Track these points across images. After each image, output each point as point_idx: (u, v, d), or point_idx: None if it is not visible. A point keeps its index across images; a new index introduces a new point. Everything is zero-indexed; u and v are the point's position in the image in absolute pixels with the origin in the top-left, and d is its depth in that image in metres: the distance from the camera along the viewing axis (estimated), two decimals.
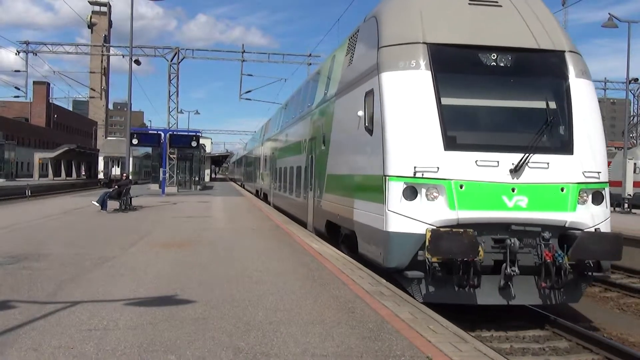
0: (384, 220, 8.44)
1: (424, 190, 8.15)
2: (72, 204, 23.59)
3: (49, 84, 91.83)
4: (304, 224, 16.31)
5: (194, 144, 34.63)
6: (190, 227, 15.22)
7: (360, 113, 9.68)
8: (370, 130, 9.25)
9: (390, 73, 8.76)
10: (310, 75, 19.00)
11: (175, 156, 37.13)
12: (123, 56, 42.70)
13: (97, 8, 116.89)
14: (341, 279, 8.24)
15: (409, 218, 8.14)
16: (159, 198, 29.04)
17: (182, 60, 40.47)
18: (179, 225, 15.74)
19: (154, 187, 36.94)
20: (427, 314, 6.33)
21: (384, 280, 8.30)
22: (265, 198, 30.27)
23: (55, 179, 64.46)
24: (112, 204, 19.89)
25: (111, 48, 58.57)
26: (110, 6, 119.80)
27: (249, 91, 45.95)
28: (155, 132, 36.72)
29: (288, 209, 20.31)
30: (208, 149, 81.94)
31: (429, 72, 8.52)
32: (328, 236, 12.95)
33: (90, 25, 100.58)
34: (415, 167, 8.14)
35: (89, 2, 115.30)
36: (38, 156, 68.13)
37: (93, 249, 10.73)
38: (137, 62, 36.61)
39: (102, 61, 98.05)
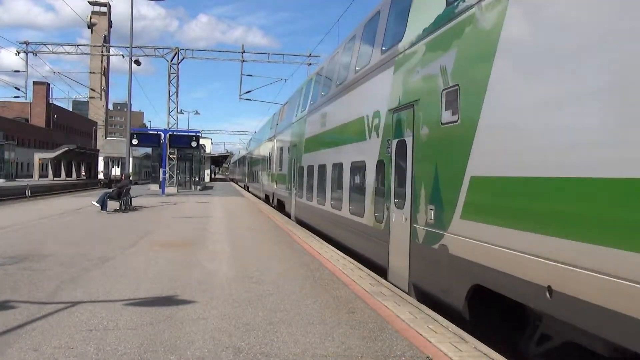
0: None
1: None
2: (72, 205, 23.58)
3: (48, 84, 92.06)
4: (378, 269, 9.10)
5: (193, 144, 34.76)
6: (190, 228, 15.22)
7: None
8: None
9: None
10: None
11: (175, 156, 37.20)
12: (123, 56, 42.77)
13: (97, 8, 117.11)
14: (341, 280, 8.24)
15: None
16: (159, 198, 29.06)
17: (182, 60, 40.56)
18: (179, 226, 15.74)
19: (154, 187, 37.04)
20: (427, 314, 6.33)
21: (384, 281, 8.29)
22: (281, 207, 22.97)
23: (55, 179, 64.50)
24: (112, 205, 19.90)
25: (111, 48, 58.61)
26: (110, 6, 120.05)
27: (249, 91, 46.15)
28: (155, 132, 36.85)
29: (332, 233, 13.05)
30: (208, 149, 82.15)
31: None
32: (469, 315, 6.09)
33: (90, 26, 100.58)
34: None
35: (88, 2, 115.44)
36: (38, 156, 68.23)
37: (93, 249, 10.72)
38: (137, 63, 36.64)
39: (102, 61, 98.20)
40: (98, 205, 19.59)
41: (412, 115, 7.75)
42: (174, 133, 35.44)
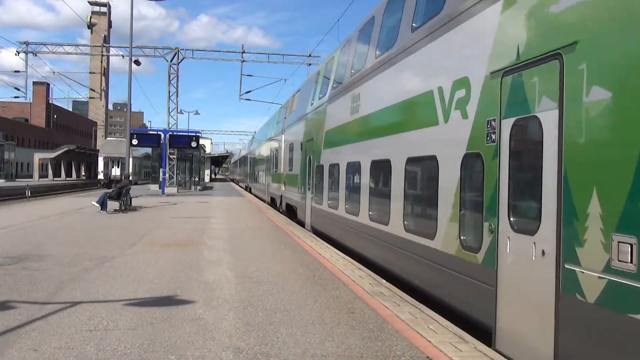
0: None
1: None
2: (72, 205, 23.58)
3: (48, 85, 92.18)
4: (466, 322, 6.12)
5: (193, 144, 34.76)
6: (190, 228, 15.22)
7: None
8: None
9: None
10: None
11: (175, 156, 37.21)
12: (123, 56, 42.76)
13: (97, 8, 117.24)
14: (341, 280, 8.24)
15: None
16: (158, 198, 29.05)
17: (181, 60, 40.59)
18: (178, 226, 15.73)
19: (154, 187, 37.04)
20: (427, 314, 6.32)
21: (384, 281, 8.29)
22: (291, 214, 20.01)
23: (55, 179, 64.50)
24: (112, 205, 19.90)
25: (111, 48, 58.60)
26: (109, 6, 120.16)
27: (249, 91, 46.19)
28: (155, 132, 36.87)
29: (369, 253, 10.14)
30: (208, 150, 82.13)
31: None
32: None
33: (90, 26, 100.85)
34: None
35: (88, 2, 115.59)
36: (38, 157, 68.25)
37: (93, 250, 10.72)
38: (137, 63, 36.64)
39: (102, 62, 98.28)
40: (98, 205, 19.59)
41: (556, 73, 4.71)
42: (174, 133, 35.46)
